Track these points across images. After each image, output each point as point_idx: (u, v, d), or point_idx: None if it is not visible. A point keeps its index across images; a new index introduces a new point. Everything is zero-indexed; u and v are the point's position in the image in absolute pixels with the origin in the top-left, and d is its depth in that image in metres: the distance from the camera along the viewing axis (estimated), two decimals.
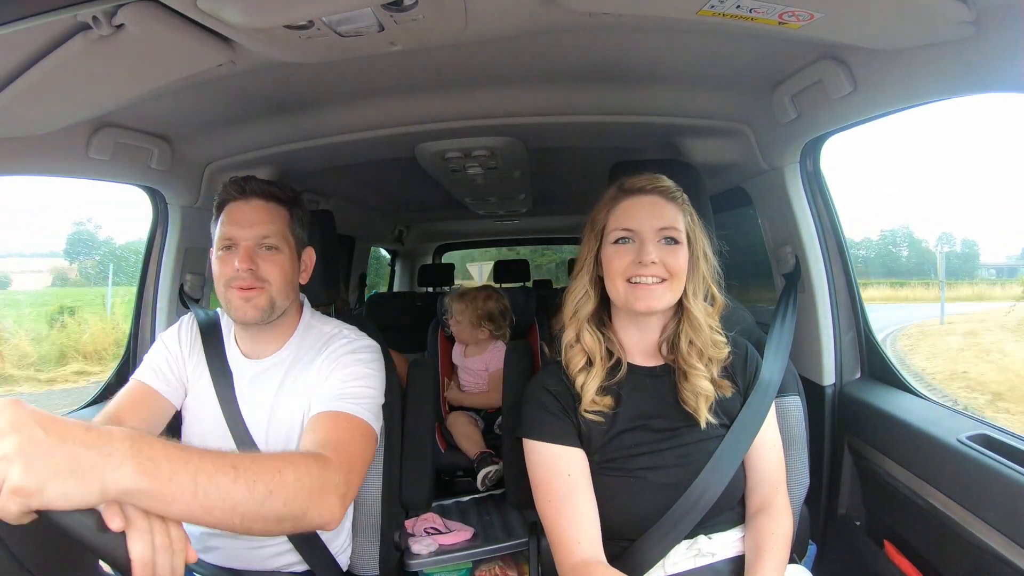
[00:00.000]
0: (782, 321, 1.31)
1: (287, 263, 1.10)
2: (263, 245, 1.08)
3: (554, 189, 2.74)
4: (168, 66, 0.99)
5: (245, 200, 1.09)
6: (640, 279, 0.96)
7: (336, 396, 1.01)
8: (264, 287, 1.07)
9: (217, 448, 1.08)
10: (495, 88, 1.39)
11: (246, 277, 1.05)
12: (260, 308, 1.07)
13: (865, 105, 1.15)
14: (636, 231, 0.97)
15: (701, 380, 0.98)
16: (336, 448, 0.88)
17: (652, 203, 0.98)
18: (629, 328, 1.04)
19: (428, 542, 1.69)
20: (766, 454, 1.02)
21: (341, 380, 1.05)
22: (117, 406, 1.06)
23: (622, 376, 1.01)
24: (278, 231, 1.09)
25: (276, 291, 1.08)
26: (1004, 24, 0.83)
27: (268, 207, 1.10)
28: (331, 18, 0.85)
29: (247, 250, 1.06)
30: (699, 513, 0.96)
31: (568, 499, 0.94)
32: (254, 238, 1.07)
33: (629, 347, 1.04)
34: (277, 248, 1.09)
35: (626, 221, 0.98)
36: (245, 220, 1.08)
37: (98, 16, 0.79)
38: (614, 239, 0.98)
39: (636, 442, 0.98)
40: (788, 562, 1.02)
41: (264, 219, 1.08)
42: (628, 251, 0.97)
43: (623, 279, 0.97)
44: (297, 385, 1.12)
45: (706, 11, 0.88)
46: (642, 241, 0.96)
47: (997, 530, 0.95)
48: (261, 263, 1.07)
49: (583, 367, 1.00)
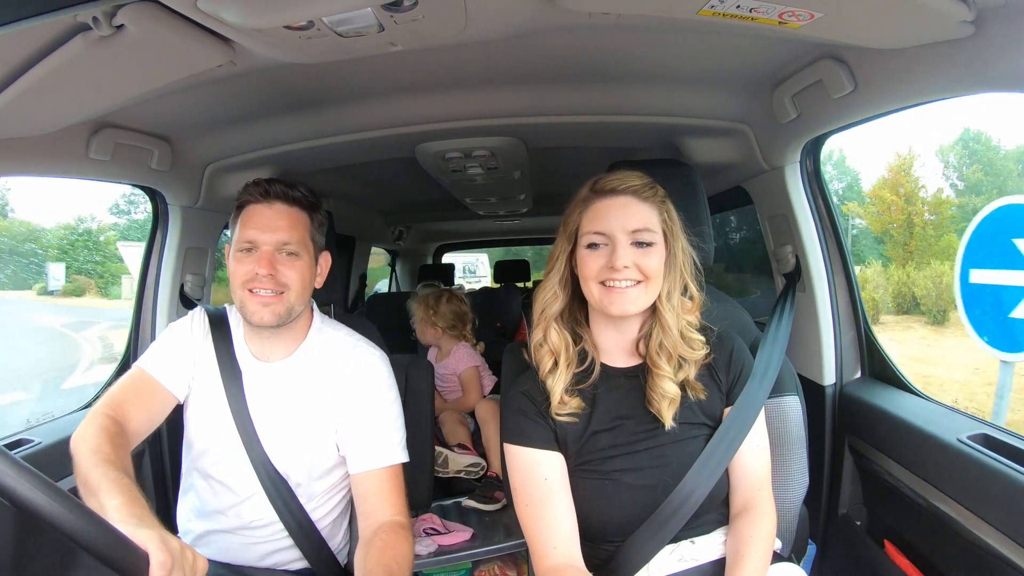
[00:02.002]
0: (779, 320, 1.30)
1: (306, 269, 1.10)
2: (284, 251, 1.08)
3: (554, 189, 2.73)
4: (168, 66, 0.99)
5: (268, 204, 1.09)
6: (614, 283, 0.94)
7: (387, 445, 1.12)
8: (283, 293, 1.08)
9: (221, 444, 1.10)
10: (495, 88, 1.39)
11: (265, 282, 1.06)
12: (278, 314, 1.08)
13: (865, 105, 1.15)
14: (608, 234, 0.95)
15: (665, 382, 0.96)
16: (404, 509, 1.11)
17: (624, 204, 0.96)
18: (606, 328, 1.02)
19: (427, 543, 1.69)
20: (750, 454, 1.00)
21: (384, 422, 1.14)
22: (121, 394, 1.06)
23: (595, 378, 1.00)
24: (299, 237, 1.09)
25: (295, 297, 1.09)
26: (1004, 24, 0.83)
27: (291, 212, 1.10)
28: (331, 18, 0.85)
29: (268, 255, 1.06)
30: (683, 517, 0.95)
31: (545, 503, 0.94)
32: (275, 243, 1.07)
33: (606, 347, 1.03)
34: (297, 254, 1.09)
35: (597, 224, 0.96)
36: (267, 224, 1.07)
37: (98, 17, 0.79)
38: (587, 243, 0.97)
39: (610, 443, 0.98)
40: (787, 561, 1.02)
41: (286, 224, 1.08)
42: (601, 255, 0.95)
43: (596, 282, 0.95)
44: (313, 393, 1.13)
45: (706, 11, 0.88)
46: (614, 245, 0.94)
47: (997, 530, 0.95)
48: (281, 268, 1.07)
49: (550, 368, 0.99)
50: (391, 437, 1.13)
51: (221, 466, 1.14)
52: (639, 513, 0.96)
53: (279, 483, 1.12)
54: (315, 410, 1.12)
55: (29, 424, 1.42)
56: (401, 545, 1.03)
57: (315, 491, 1.15)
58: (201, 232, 1.69)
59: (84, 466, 0.85)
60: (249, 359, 1.15)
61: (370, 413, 1.12)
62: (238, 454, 1.12)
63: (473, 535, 1.76)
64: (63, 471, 1.01)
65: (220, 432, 1.12)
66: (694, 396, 0.99)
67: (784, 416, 1.17)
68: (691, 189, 1.22)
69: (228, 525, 1.13)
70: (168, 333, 1.18)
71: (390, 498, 1.09)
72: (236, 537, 1.12)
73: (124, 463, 0.89)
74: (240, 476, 1.13)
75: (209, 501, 1.15)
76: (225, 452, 1.13)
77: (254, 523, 1.13)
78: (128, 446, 0.97)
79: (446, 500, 1.98)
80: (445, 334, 2.38)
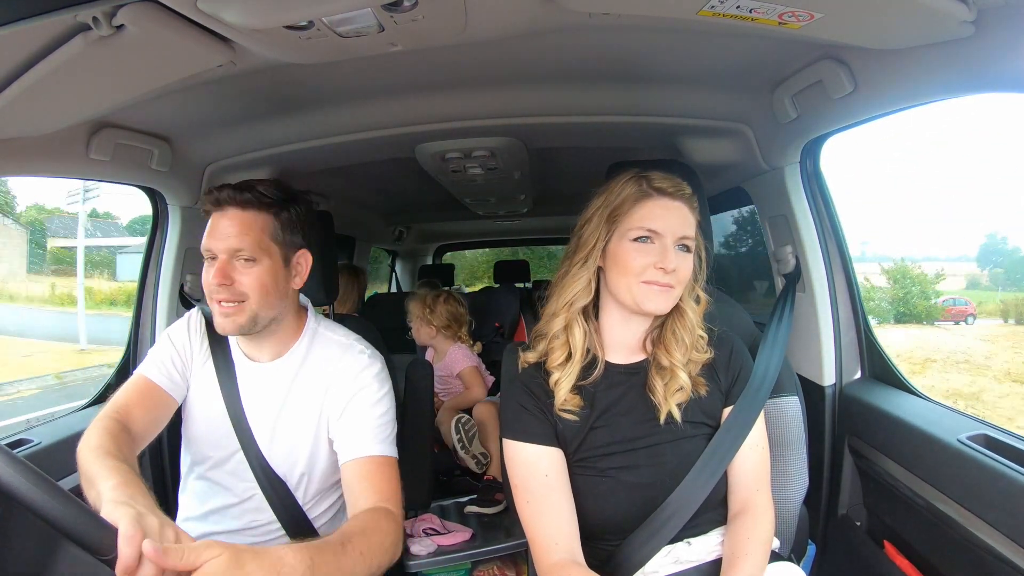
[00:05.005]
0: (778, 321, 1.30)
1: (266, 273, 1.06)
2: (239, 257, 1.05)
3: (554, 189, 2.74)
4: (168, 67, 0.99)
5: (221, 211, 1.06)
6: (656, 282, 0.95)
7: (374, 437, 1.07)
8: (243, 302, 1.04)
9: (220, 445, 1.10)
10: (495, 88, 1.39)
11: (223, 292, 1.04)
12: (239, 324, 1.05)
13: (865, 105, 1.15)
14: (660, 234, 0.95)
15: (678, 372, 0.97)
16: (393, 498, 1.01)
17: (679, 209, 0.97)
18: (618, 324, 1.02)
19: (427, 543, 1.68)
20: (748, 454, 1.00)
21: (373, 416, 1.09)
22: (124, 400, 1.05)
23: (598, 375, 1.00)
24: (253, 242, 1.04)
25: (256, 304, 1.05)
26: (1004, 24, 0.83)
27: (243, 216, 1.05)
28: (331, 19, 0.85)
29: (221, 264, 1.04)
30: (683, 518, 0.95)
31: (545, 500, 0.94)
32: (227, 251, 1.04)
33: (611, 344, 1.03)
34: (254, 260, 1.05)
35: (652, 222, 0.95)
36: (220, 232, 1.05)
37: (98, 17, 0.79)
38: (634, 236, 0.96)
39: (608, 441, 0.98)
40: (787, 560, 1.02)
41: (236, 231, 1.04)
42: (649, 252, 0.95)
43: (638, 279, 0.95)
44: (306, 392, 1.12)
45: (706, 11, 0.88)
46: (664, 246, 0.95)
47: (997, 530, 0.95)
48: (237, 276, 1.04)
49: (561, 362, 0.99)
50: (380, 431, 1.08)
51: (219, 468, 1.14)
52: (636, 512, 0.96)
53: (277, 484, 1.12)
54: (309, 410, 1.12)
55: (29, 424, 1.42)
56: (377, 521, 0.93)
57: (312, 491, 1.15)
58: (201, 232, 1.68)
59: (85, 463, 0.84)
60: (243, 360, 1.15)
61: (358, 406, 1.09)
62: (236, 456, 1.12)
63: (473, 535, 1.76)
64: (63, 471, 1.01)
65: (217, 433, 1.12)
66: (695, 393, 0.99)
67: (784, 416, 1.17)
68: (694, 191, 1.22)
69: (227, 527, 1.13)
70: (164, 339, 1.18)
71: (377, 485, 1.02)
72: (235, 538, 1.12)
73: (126, 455, 0.88)
74: (238, 478, 1.13)
75: (208, 503, 1.15)
76: (223, 454, 1.13)
77: (253, 524, 1.13)
78: (132, 443, 0.96)
79: (446, 500, 1.98)
80: (440, 334, 2.38)
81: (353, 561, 0.81)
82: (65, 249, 9.45)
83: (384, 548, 0.89)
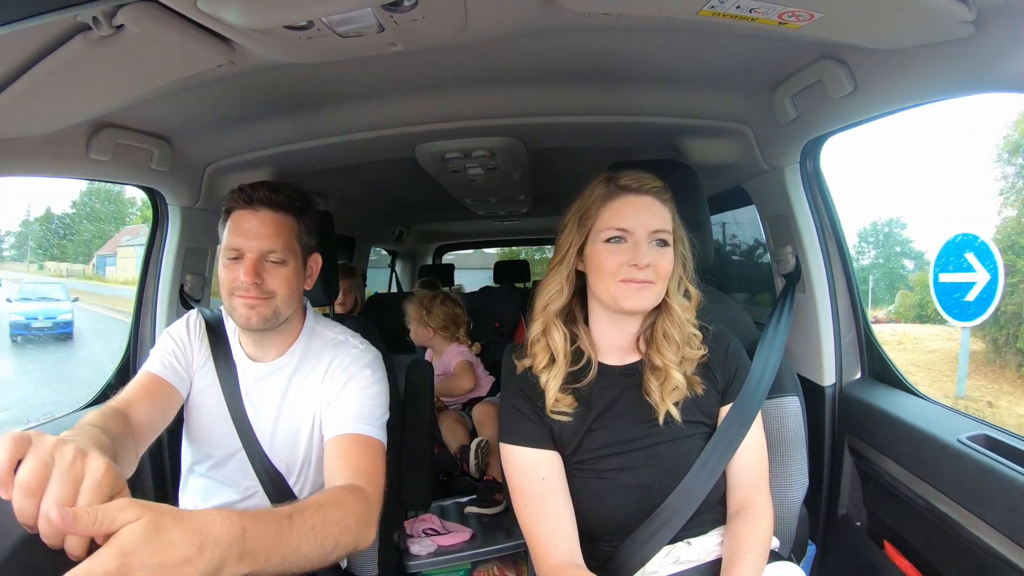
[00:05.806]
0: (777, 321, 1.30)
1: (292, 275, 1.09)
2: (269, 259, 1.07)
3: (554, 189, 2.74)
4: (168, 67, 0.99)
5: (253, 210, 1.07)
6: (633, 279, 0.94)
7: (358, 417, 1.04)
8: (270, 299, 1.07)
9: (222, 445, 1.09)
10: (495, 88, 1.39)
11: (251, 290, 1.05)
12: (264, 317, 1.07)
13: (865, 105, 1.15)
14: (631, 231, 0.95)
15: (672, 371, 0.97)
16: (369, 477, 0.94)
17: (647, 204, 0.96)
18: (607, 326, 1.02)
19: (427, 543, 1.69)
20: (747, 453, 1.00)
21: (360, 400, 1.07)
22: (129, 395, 1.05)
23: (592, 377, 1.00)
24: (284, 244, 1.08)
25: (281, 302, 1.08)
26: (1004, 24, 0.83)
27: (276, 218, 1.08)
28: (331, 18, 0.85)
29: (252, 263, 1.05)
30: (683, 518, 0.95)
31: (544, 503, 0.94)
32: (260, 251, 1.06)
33: (603, 345, 1.03)
34: (283, 262, 1.08)
35: (620, 220, 0.95)
36: (252, 232, 1.06)
37: (98, 17, 0.79)
38: (606, 237, 0.96)
39: (605, 442, 0.98)
40: (786, 560, 1.02)
41: (271, 231, 1.06)
42: (622, 251, 0.95)
43: (614, 279, 0.95)
44: (303, 389, 1.13)
45: (706, 11, 0.88)
46: (636, 243, 0.94)
47: (997, 530, 0.95)
48: (267, 276, 1.06)
49: (546, 365, 0.99)
50: (365, 412, 1.06)
51: (221, 467, 1.14)
52: (634, 512, 0.96)
53: (278, 481, 1.12)
54: (307, 407, 1.12)
55: (29, 424, 1.42)
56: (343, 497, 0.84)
57: (310, 486, 1.16)
58: (201, 232, 1.69)
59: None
60: (244, 360, 1.16)
61: (347, 391, 1.08)
62: (238, 455, 1.13)
63: (472, 536, 1.76)
64: None
65: (219, 433, 1.12)
66: (691, 392, 0.99)
67: (784, 416, 1.17)
68: (691, 189, 1.22)
69: None
70: (164, 337, 1.19)
71: (354, 463, 0.97)
72: None
73: (112, 431, 0.85)
74: (239, 475, 1.13)
75: (209, 501, 1.15)
76: (225, 453, 1.13)
77: None
78: (127, 428, 0.94)
79: (446, 500, 1.98)
80: (437, 335, 2.39)
81: (300, 537, 0.70)
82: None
83: (345, 527, 0.78)
